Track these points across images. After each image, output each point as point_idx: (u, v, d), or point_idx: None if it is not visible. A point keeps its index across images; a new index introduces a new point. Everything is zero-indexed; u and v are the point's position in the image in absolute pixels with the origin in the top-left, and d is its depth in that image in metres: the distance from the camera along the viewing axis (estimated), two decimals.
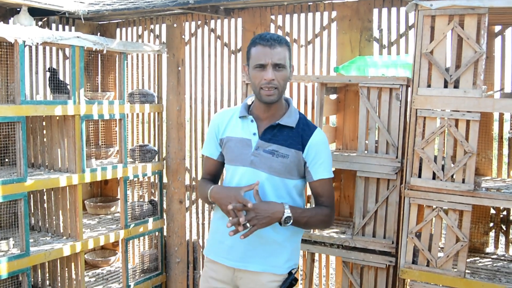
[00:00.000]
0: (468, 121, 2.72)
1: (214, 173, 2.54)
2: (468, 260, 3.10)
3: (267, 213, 2.17)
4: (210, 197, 2.35)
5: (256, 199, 2.21)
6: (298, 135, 2.33)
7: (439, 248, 2.91)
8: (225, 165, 2.49)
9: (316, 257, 4.15)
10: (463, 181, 2.75)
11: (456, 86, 2.74)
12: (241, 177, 2.34)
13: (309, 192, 2.58)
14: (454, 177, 2.77)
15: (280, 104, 2.36)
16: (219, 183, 2.54)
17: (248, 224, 2.16)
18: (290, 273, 2.38)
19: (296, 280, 2.39)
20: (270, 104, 2.30)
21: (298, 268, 2.44)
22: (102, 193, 5.10)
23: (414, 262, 2.92)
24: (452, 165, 2.77)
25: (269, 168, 2.30)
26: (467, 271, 2.88)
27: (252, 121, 2.37)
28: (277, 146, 2.31)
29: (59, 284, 3.95)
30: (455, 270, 2.81)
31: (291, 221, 2.22)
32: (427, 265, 2.88)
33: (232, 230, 2.17)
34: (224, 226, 2.29)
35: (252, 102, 2.43)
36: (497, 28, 3.33)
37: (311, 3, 3.94)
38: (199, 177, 4.60)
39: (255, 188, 2.23)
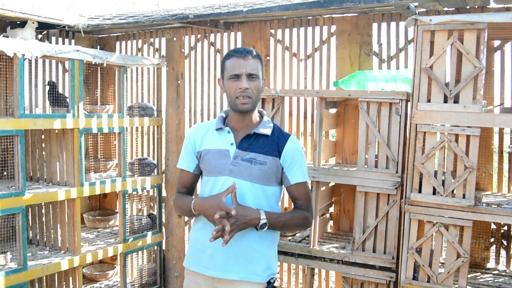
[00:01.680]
0: (468, 136, 2.71)
1: (189, 186, 2.60)
2: (469, 275, 3.07)
3: (245, 219, 2.25)
4: (195, 210, 2.39)
5: (234, 203, 2.28)
6: (274, 143, 2.44)
7: (440, 264, 2.89)
8: (203, 178, 2.55)
9: (316, 272, 4.12)
10: (464, 197, 2.73)
11: (456, 101, 2.73)
12: (222, 186, 2.40)
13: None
14: (454, 192, 2.76)
15: (254, 114, 2.48)
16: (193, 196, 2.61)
17: (226, 229, 2.21)
18: (269, 282, 2.43)
19: None
20: (245, 113, 2.42)
21: (276, 277, 2.49)
22: (100, 206, 5.08)
23: (414, 278, 2.89)
24: (453, 180, 2.76)
25: (249, 175, 2.39)
26: (468, 287, 2.86)
27: (228, 132, 2.47)
28: (254, 154, 2.41)
29: None
30: (456, 286, 2.79)
31: (267, 226, 2.30)
32: (428, 281, 2.85)
33: (213, 237, 2.22)
34: (205, 236, 2.38)
35: (227, 115, 2.54)
36: (497, 43, 3.34)
37: (311, 18, 3.95)
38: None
39: (233, 191, 2.29)
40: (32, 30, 3.97)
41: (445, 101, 2.75)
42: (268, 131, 2.45)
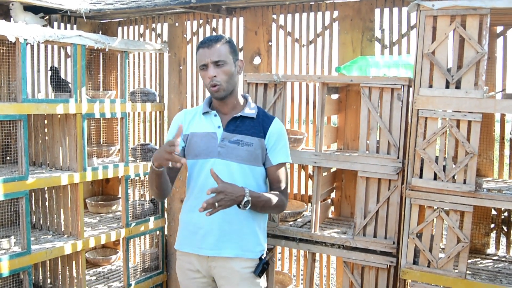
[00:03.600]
0: (469, 122, 2.71)
1: (173, 171, 2.59)
2: (469, 261, 3.09)
3: (232, 195, 2.28)
4: (153, 163, 2.28)
5: (219, 181, 2.28)
6: (259, 125, 2.55)
7: (440, 249, 2.91)
8: (188, 161, 2.58)
9: (317, 257, 4.14)
10: (464, 182, 2.74)
11: (457, 86, 2.74)
12: (210, 168, 2.41)
13: None
14: (455, 177, 2.77)
15: (236, 98, 2.58)
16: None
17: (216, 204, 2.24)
18: (260, 258, 2.55)
19: (267, 263, 2.57)
20: (222, 99, 2.50)
21: (267, 252, 2.63)
22: (103, 191, 5.11)
23: (415, 262, 2.92)
24: (454, 165, 2.77)
25: (236, 157, 2.47)
26: (468, 272, 2.88)
27: (215, 115, 2.56)
28: (241, 136, 2.50)
29: (60, 283, 3.95)
30: (456, 271, 2.81)
31: (250, 205, 2.36)
32: (428, 266, 2.88)
33: (202, 207, 2.18)
34: (196, 218, 2.48)
35: (212, 100, 2.62)
36: (499, 29, 3.33)
37: (313, 3, 3.94)
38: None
39: (212, 170, 2.29)
40: (31, 14, 3.96)
41: (447, 86, 2.75)
42: (253, 113, 2.56)
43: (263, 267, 2.54)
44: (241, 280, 2.52)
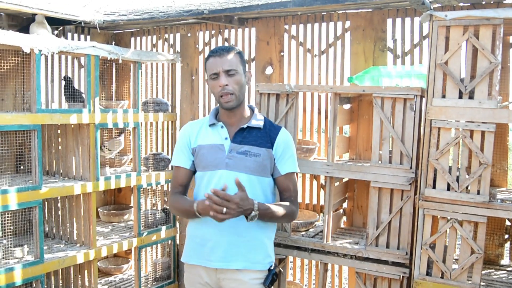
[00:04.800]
0: (483, 132, 2.70)
1: (185, 184, 2.64)
2: (482, 272, 3.06)
3: (242, 208, 2.27)
4: (200, 213, 2.37)
5: (240, 189, 2.29)
6: (266, 135, 2.54)
7: (454, 260, 2.89)
8: (196, 173, 2.60)
9: (329, 267, 4.12)
10: (478, 193, 2.73)
11: (471, 96, 2.73)
12: (219, 180, 2.46)
13: None
14: (469, 188, 2.75)
15: (244, 109, 2.57)
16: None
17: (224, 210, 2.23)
18: (269, 270, 2.53)
19: (276, 275, 2.54)
20: (231, 109, 2.50)
21: (275, 264, 2.61)
22: (115, 201, 5.13)
23: (428, 273, 2.90)
24: (467, 176, 2.75)
25: (245, 168, 2.46)
26: (482, 283, 2.86)
27: (222, 127, 2.55)
28: (248, 147, 2.49)
29: None
30: (470, 282, 2.79)
31: (256, 217, 2.35)
32: (442, 277, 2.86)
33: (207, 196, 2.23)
34: (203, 230, 2.48)
35: (218, 111, 2.63)
36: None
37: (325, 13, 3.95)
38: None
39: (237, 180, 2.30)
40: (45, 25, 4.00)
41: (460, 96, 2.75)
42: (260, 124, 2.55)
43: (272, 278, 2.52)
44: None
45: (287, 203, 2.55)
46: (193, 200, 2.48)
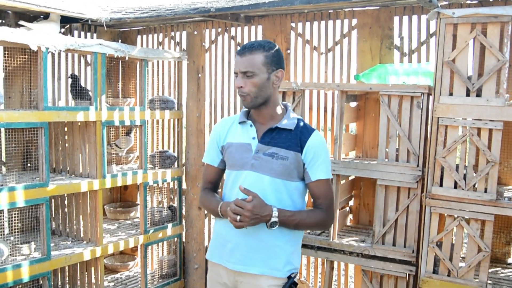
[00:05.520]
0: (490, 130, 2.69)
1: (214, 181, 2.62)
2: (489, 270, 3.06)
3: (257, 216, 2.25)
4: (222, 214, 2.41)
5: (253, 196, 2.28)
6: (296, 137, 2.40)
7: (460, 258, 2.88)
8: (226, 171, 2.56)
9: (335, 265, 4.12)
10: (485, 191, 2.72)
11: (478, 94, 2.72)
12: (244, 181, 2.40)
13: None
14: (476, 186, 2.75)
15: (274, 108, 2.45)
16: (220, 191, 2.65)
17: (238, 218, 2.25)
18: (289, 277, 2.42)
19: (295, 284, 2.42)
20: (258, 108, 2.41)
21: (297, 272, 2.46)
22: (121, 198, 5.14)
23: (435, 271, 2.89)
24: (474, 174, 2.75)
25: (270, 170, 2.37)
26: (488, 281, 2.85)
27: (251, 125, 2.46)
28: (276, 149, 2.38)
29: None
30: (477, 280, 2.78)
31: (277, 225, 2.30)
32: (448, 275, 2.85)
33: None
34: (226, 230, 2.43)
35: None
36: None
37: (332, 11, 3.94)
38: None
39: (240, 187, 2.31)
40: (56, 24, 4.02)
41: (468, 94, 2.74)
42: (291, 125, 2.41)
43: (290, 286, 2.40)
44: None
45: (317, 211, 2.42)
46: (219, 200, 2.46)
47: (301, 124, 2.46)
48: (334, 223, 3.36)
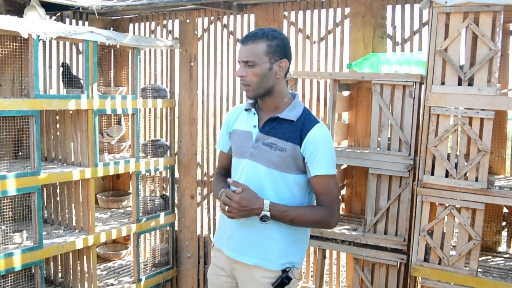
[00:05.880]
0: (482, 119, 2.70)
1: (226, 167, 2.61)
2: (480, 258, 3.08)
3: (247, 207, 2.23)
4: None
5: (242, 187, 2.26)
6: (297, 129, 2.31)
7: (451, 247, 2.90)
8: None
9: (327, 253, 4.14)
10: (476, 180, 2.73)
11: (470, 84, 2.73)
12: (242, 169, 2.39)
13: None
14: (467, 175, 2.76)
15: (276, 98, 2.37)
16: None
17: (226, 209, 2.25)
18: (284, 271, 2.36)
19: (289, 278, 2.35)
20: (262, 97, 2.36)
21: (294, 267, 2.38)
22: (114, 187, 5.13)
23: (426, 260, 2.91)
24: (466, 163, 2.76)
25: (267, 161, 2.32)
26: (479, 269, 2.87)
27: (254, 114, 2.42)
28: (275, 139, 2.32)
29: (71, 277, 3.98)
30: (467, 268, 2.80)
31: (269, 220, 2.24)
32: (439, 263, 2.87)
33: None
34: (225, 217, 2.39)
35: None
36: None
37: (324, 0, 3.93)
38: (211, 173, 4.62)
39: (229, 180, 2.32)
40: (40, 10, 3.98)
41: (459, 84, 2.75)
42: (292, 116, 2.33)
43: (282, 280, 2.33)
44: None
45: (318, 208, 2.33)
46: (223, 187, 2.45)
47: (305, 115, 2.37)
48: None
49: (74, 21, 4.63)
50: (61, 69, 3.96)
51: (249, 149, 2.37)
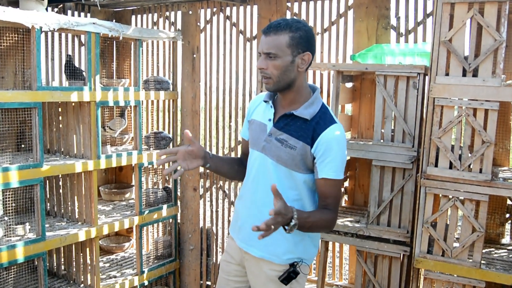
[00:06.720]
0: (486, 111, 2.69)
1: (247, 154, 2.55)
2: (483, 250, 3.07)
3: (286, 217, 2.04)
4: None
5: (277, 200, 2.05)
6: (310, 129, 2.25)
7: (455, 238, 2.89)
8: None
9: (330, 246, 4.13)
10: (480, 171, 2.72)
11: (474, 74, 2.71)
12: (254, 161, 2.39)
13: None
14: (471, 167, 2.75)
15: (296, 93, 2.30)
16: None
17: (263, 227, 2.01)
18: (292, 265, 2.34)
19: (296, 273, 2.33)
20: (282, 91, 2.30)
21: (303, 262, 2.35)
22: (116, 179, 5.13)
23: (429, 252, 2.91)
24: (470, 154, 2.75)
25: (277, 157, 2.28)
26: (482, 261, 2.86)
27: (271, 107, 2.37)
28: (287, 136, 2.27)
29: (74, 269, 3.99)
30: (471, 260, 2.80)
31: (296, 227, 2.09)
32: (442, 255, 2.87)
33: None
34: (240, 205, 2.45)
35: None
36: None
37: None
38: None
39: (273, 186, 2.03)
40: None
41: (464, 74, 2.73)
42: (307, 115, 2.26)
43: (289, 275, 2.31)
44: (268, 281, 2.39)
45: (327, 212, 2.25)
46: (228, 163, 2.59)
47: (322, 114, 2.29)
48: None
49: (76, 12, 4.61)
50: (64, 60, 3.95)
51: (262, 142, 2.34)
